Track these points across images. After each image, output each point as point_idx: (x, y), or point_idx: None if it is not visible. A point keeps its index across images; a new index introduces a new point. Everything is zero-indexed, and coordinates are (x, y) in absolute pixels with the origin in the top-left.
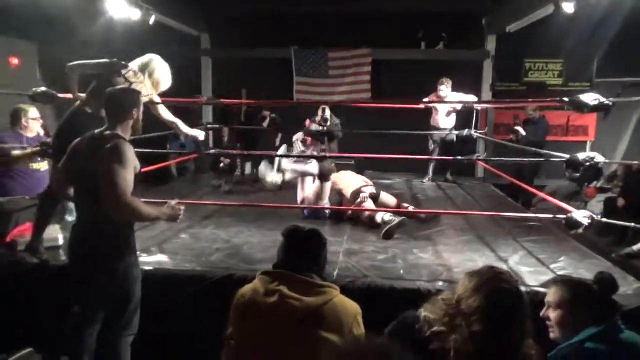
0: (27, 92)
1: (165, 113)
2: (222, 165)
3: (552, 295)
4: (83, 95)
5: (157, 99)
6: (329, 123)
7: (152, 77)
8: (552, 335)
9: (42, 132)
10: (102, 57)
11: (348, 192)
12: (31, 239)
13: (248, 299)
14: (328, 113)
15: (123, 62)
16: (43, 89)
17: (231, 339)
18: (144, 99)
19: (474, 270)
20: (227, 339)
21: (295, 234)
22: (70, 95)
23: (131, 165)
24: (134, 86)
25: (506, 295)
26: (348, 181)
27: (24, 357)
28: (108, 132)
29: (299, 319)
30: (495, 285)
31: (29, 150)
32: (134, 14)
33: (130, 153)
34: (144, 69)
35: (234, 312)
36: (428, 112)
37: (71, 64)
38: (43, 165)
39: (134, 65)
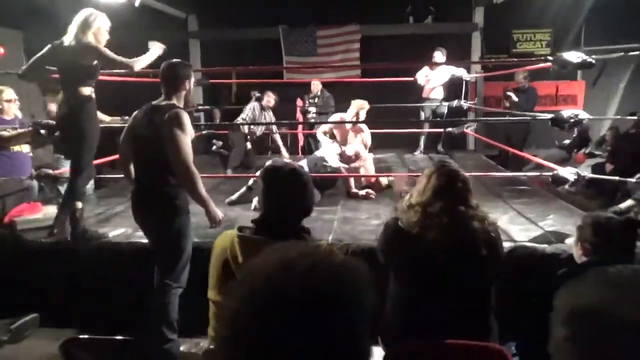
0: (16, 71)
1: (119, 58)
2: (214, 147)
3: (581, 219)
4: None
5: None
6: (317, 101)
7: (93, 31)
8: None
9: (19, 114)
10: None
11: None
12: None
13: (225, 265)
14: (319, 88)
15: None
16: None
17: (212, 301)
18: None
19: (427, 173)
20: (211, 301)
21: (275, 175)
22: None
23: (189, 132)
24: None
25: (460, 192)
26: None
27: (29, 322)
28: (165, 102)
29: None
30: (451, 187)
31: (20, 131)
32: None
33: (188, 120)
34: (84, 32)
35: (214, 273)
36: (419, 86)
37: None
38: (24, 147)
39: (70, 37)
